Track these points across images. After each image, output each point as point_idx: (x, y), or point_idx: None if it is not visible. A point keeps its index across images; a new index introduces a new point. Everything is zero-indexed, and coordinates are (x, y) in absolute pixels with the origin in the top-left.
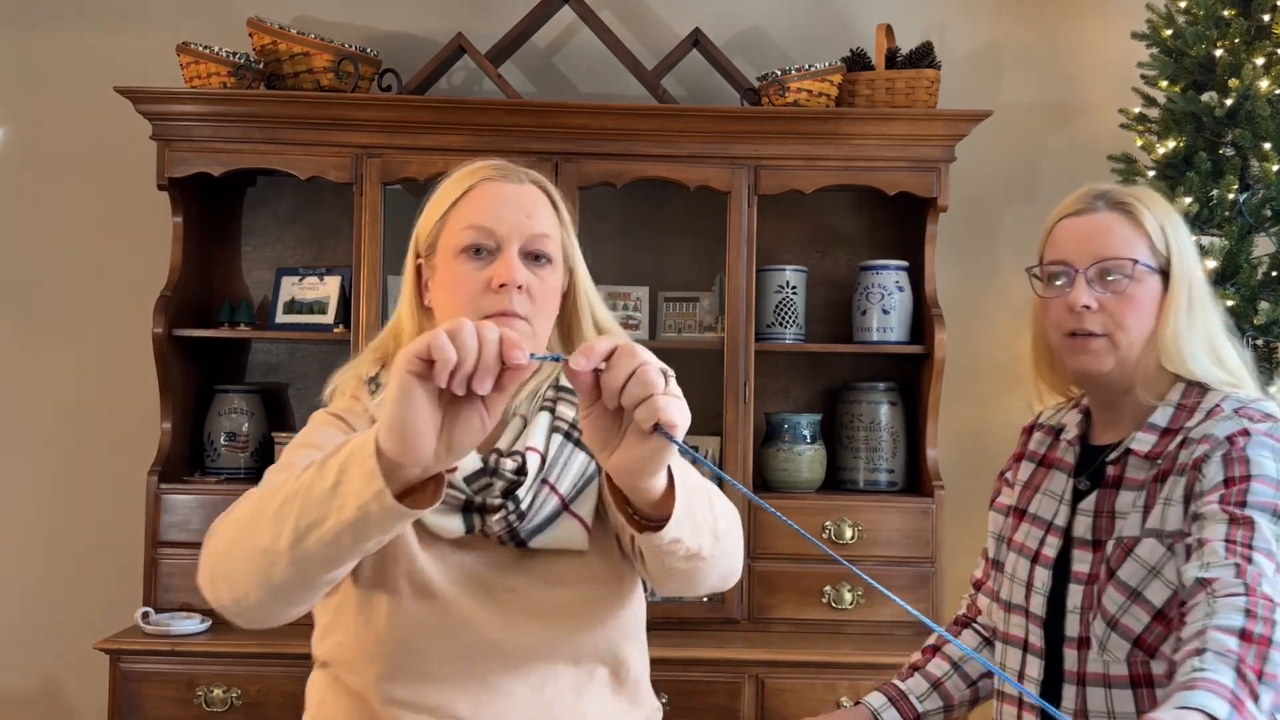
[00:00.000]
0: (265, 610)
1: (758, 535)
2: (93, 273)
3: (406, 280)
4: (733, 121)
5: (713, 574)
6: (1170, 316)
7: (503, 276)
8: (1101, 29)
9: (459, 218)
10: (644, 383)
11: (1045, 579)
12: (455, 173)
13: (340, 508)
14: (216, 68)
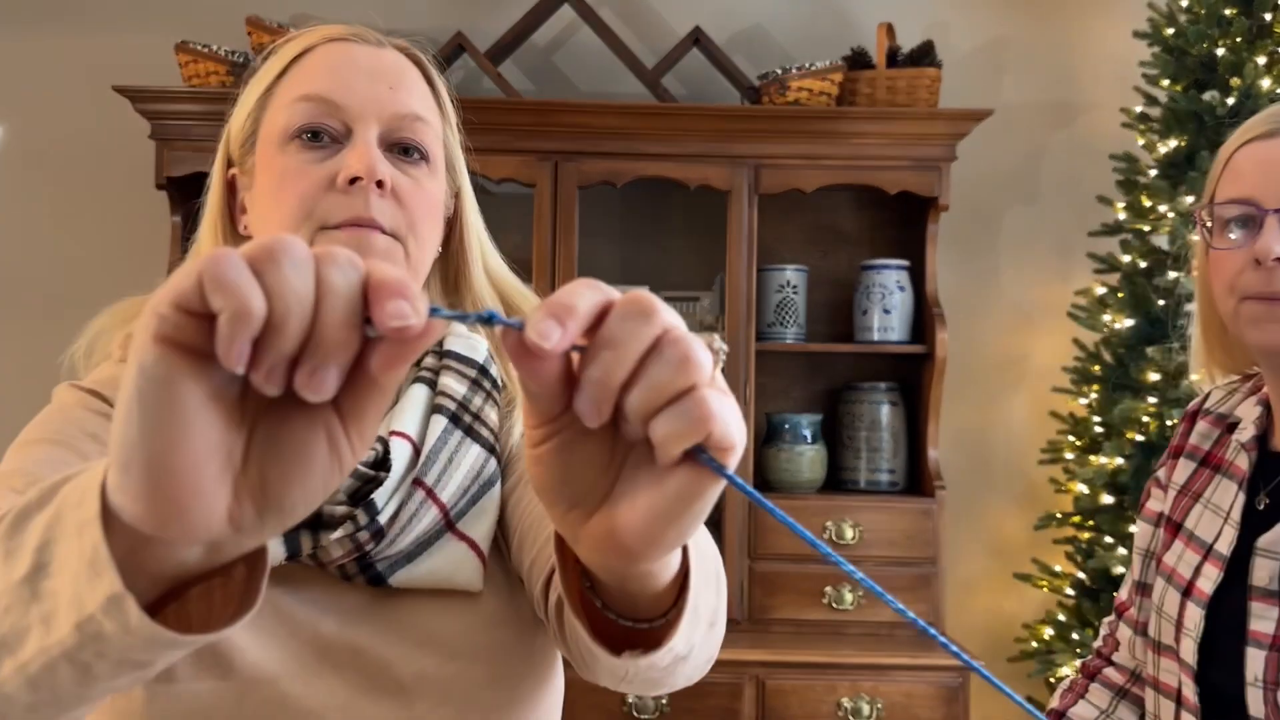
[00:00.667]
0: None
1: (758, 536)
2: (91, 272)
3: (212, 200)
4: (733, 120)
5: (682, 676)
6: None
7: (354, 168)
8: (1103, 28)
9: (289, 89)
10: (677, 364)
11: (1198, 620)
12: (280, 47)
13: (46, 621)
14: (215, 66)
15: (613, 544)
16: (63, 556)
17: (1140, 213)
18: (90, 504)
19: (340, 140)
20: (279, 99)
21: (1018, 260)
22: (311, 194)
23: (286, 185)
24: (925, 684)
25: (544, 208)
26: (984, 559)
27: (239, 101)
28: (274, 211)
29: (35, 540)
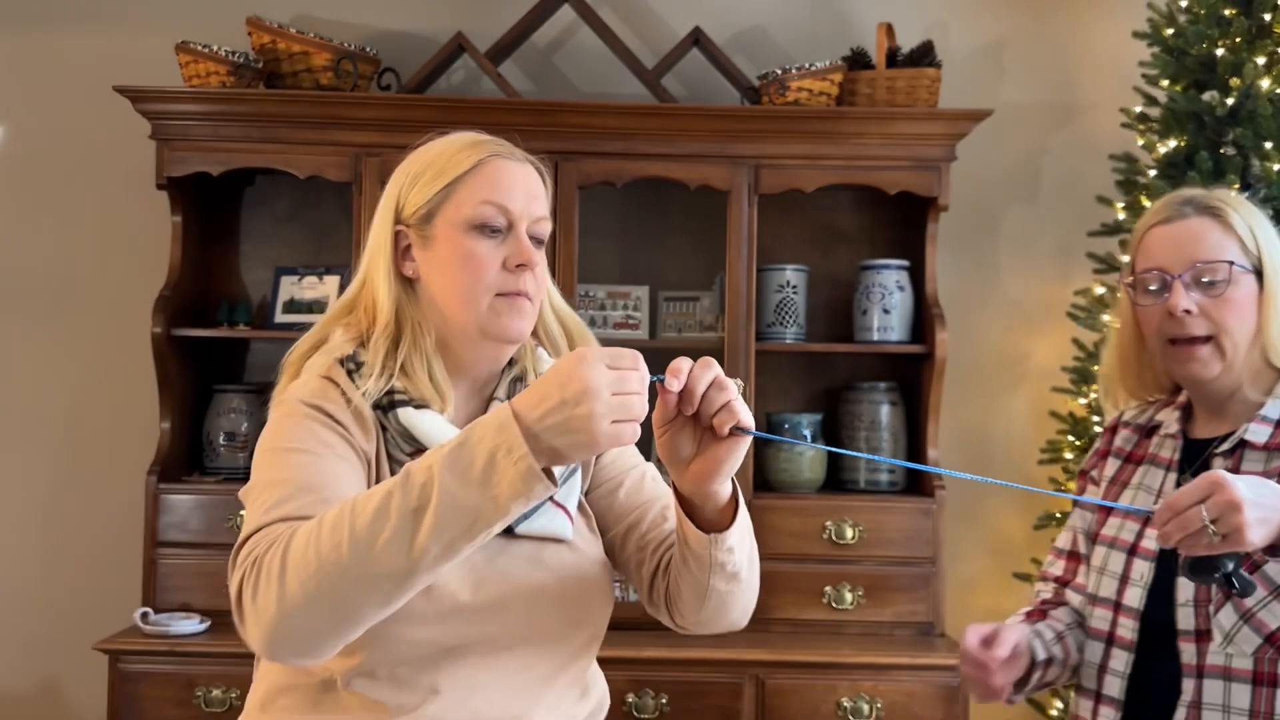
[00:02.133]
0: (348, 637)
1: (758, 536)
2: (91, 272)
3: (382, 248)
4: (733, 120)
5: (739, 604)
6: (1272, 314)
7: (521, 257)
8: (1102, 28)
9: (471, 191)
10: (723, 389)
11: (1146, 571)
12: (446, 143)
13: (493, 502)
14: (215, 67)
15: (697, 478)
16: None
17: (1139, 213)
18: (516, 485)
19: (504, 232)
20: (463, 195)
21: (1017, 260)
22: (491, 271)
23: (473, 262)
24: (925, 683)
25: None
26: (983, 559)
27: (414, 178)
28: (462, 275)
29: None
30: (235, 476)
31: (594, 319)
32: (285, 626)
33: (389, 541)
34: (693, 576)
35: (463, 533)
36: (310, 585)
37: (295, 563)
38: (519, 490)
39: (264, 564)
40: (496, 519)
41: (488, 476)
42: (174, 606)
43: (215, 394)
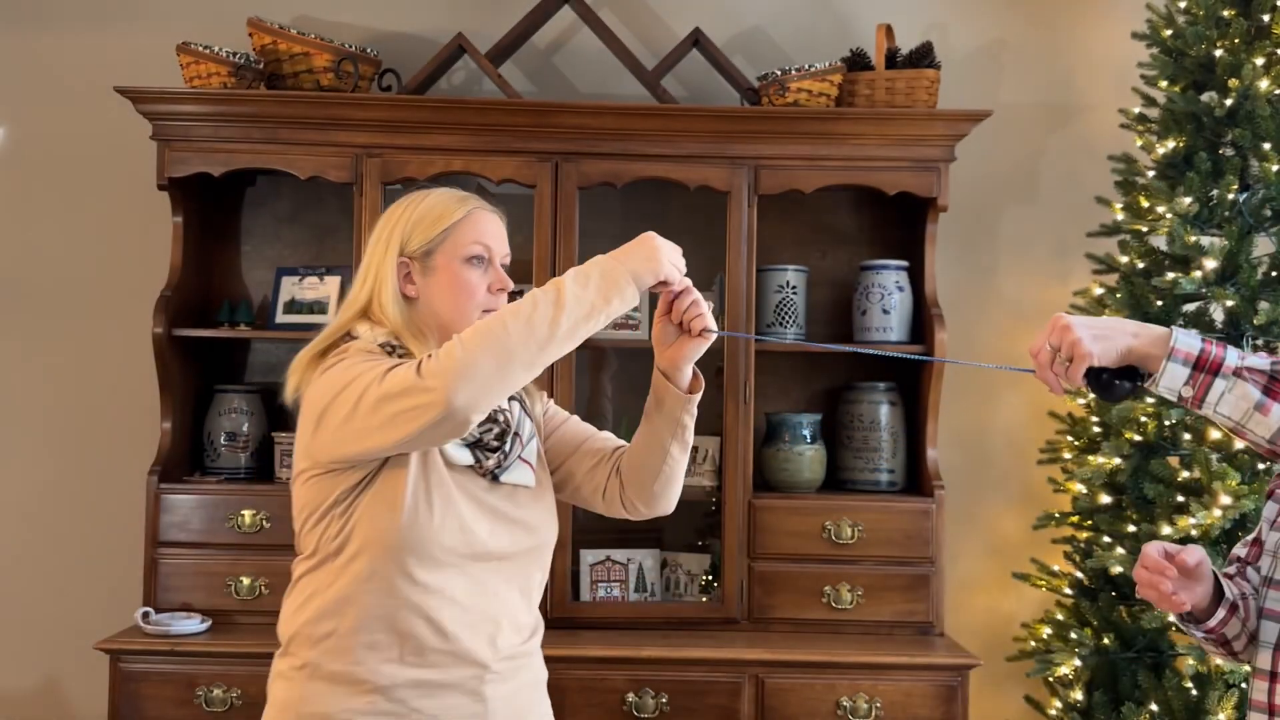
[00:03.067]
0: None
1: (758, 536)
2: (93, 273)
3: (388, 274)
4: (733, 121)
5: (678, 482)
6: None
7: (500, 283)
8: (1101, 29)
9: (465, 234)
10: (697, 304)
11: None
12: (440, 197)
13: (603, 302)
14: (216, 67)
15: (672, 360)
16: (618, 285)
17: (1138, 213)
18: (614, 290)
19: (486, 264)
20: (458, 237)
21: (1016, 261)
22: (480, 292)
23: (469, 287)
24: (924, 683)
25: (544, 208)
26: (983, 558)
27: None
28: (460, 295)
29: (595, 284)
30: (236, 477)
31: None
32: (469, 375)
33: (538, 320)
34: (657, 443)
35: (582, 319)
36: (485, 350)
37: (468, 338)
38: (614, 290)
39: (436, 353)
40: (601, 310)
41: (597, 283)
42: (175, 606)
43: (216, 394)
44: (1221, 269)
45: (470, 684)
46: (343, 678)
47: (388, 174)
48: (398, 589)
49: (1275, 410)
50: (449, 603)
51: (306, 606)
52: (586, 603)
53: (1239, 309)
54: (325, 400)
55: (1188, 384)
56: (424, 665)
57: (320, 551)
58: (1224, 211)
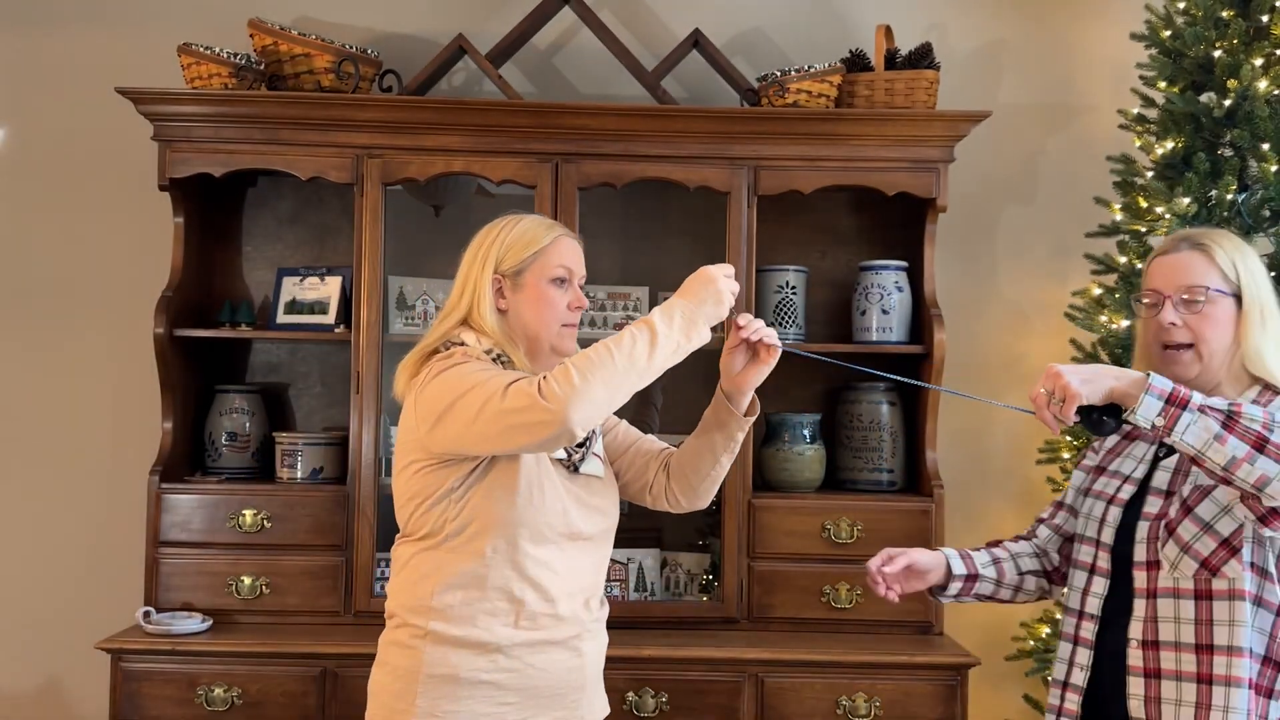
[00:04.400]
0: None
1: (757, 536)
2: (94, 273)
3: (485, 290)
4: (732, 122)
5: (719, 482)
6: (1249, 330)
7: (581, 303)
8: (1100, 30)
9: (551, 258)
10: (763, 328)
11: (1116, 515)
12: (531, 223)
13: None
14: (218, 68)
15: (738, 384)
16: (696, 329)
17: (1137, 214)
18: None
19: (567, 284)
20: (546, 260)
21: (1015, 261)
22: (561, 309)
23: (552, 304)
24: (923, 682)
25: (544, 209)
26: None
27: (509, 245)
28: (545, 311)
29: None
30: (237, 476)
31: (594, 319)
32: (585, 399)
33: (638, 354)
34: (710, 452)
35: (670, 354)
36: (599, 378)
37: (583, 367)
38: (694, 331)
39: (554, 375)
40: (684, 347)
41: (680, 325)
42: (176, 606)
43: (217, 394)
44: None
45: (572, 641)
46: (466, 641)
47: (388, 175)
48: (515, 562)
49: (1230, 441)
50: (554, 574)
51: (427, 581)
52: None
53: None
54: (446, 401)
55: (1160, 415)
56: (534, 627)
57: (440, 533)
58: (1223, 212)
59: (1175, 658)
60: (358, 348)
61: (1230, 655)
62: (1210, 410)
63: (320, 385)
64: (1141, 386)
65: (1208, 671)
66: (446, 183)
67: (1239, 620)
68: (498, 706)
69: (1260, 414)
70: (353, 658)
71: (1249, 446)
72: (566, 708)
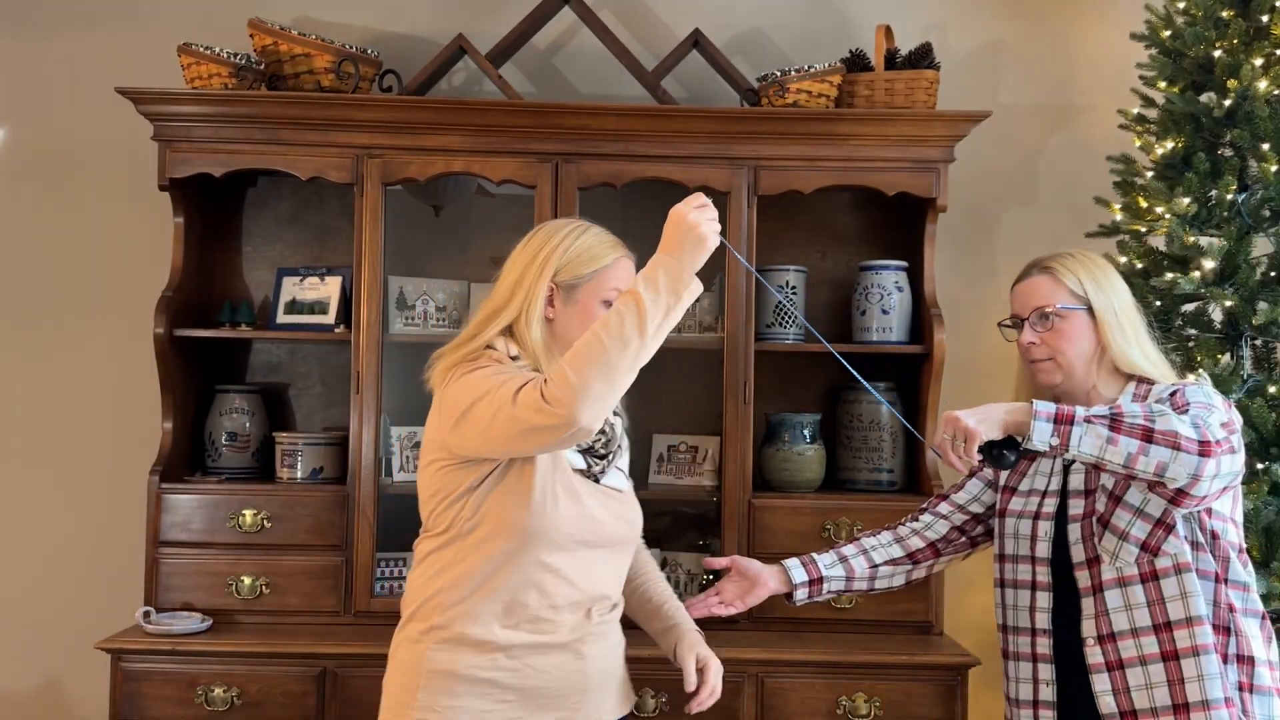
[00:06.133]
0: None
1: (757, 536)
2: (94, 273)
3: (538, 297)
4: (732, 122)
5: None
6: (1109, 336)
7: None
8: (1100, 30)
9: (608, 279)
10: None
11: (1048, 529)
12: (595, 239)
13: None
14: (217, 68)
15: (670, 653)
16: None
17: (1137, 214)
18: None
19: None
20: (603, 280)
21: (1015, 261)
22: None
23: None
24: (923, 682)
25: (544, 209)
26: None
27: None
28: (587, 325)
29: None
30: (237, 476)
31: None
32: (585, 395)
33: (628, 331)
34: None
35: (662, 319)
36: (592, 370)
37: (576, 364)
38: (681, 286)
39: (552, 379)
40: (675, 306)
41: (666, 284)
42: (176, 606)
43: (217, 394)
44: (1220, 269)
45: (574, 645)
46: (467, 639)
47: (388, 175)
48: (523, 567)
49: (1122, 440)
50: (562, 581)
51: (438, 578)
52: None
53: (1238, 309)
54: (465, 404)
55: (1054, 435)
56: (537, 631)
57: (452, 530)
58: (1222, 212)
59: (1135, 644)
60: (358, 348)
61: (1191, 626)
62: (1096, 418)
63: (320, 385)
64: (1029, 413)
65: (1171, 648)
66: (446, 183)
67: (1190, 592)
68: (496, 704)
69: (1139, 409)
70: (352, 658)
71: (1139, 440)
72: (567, 709)
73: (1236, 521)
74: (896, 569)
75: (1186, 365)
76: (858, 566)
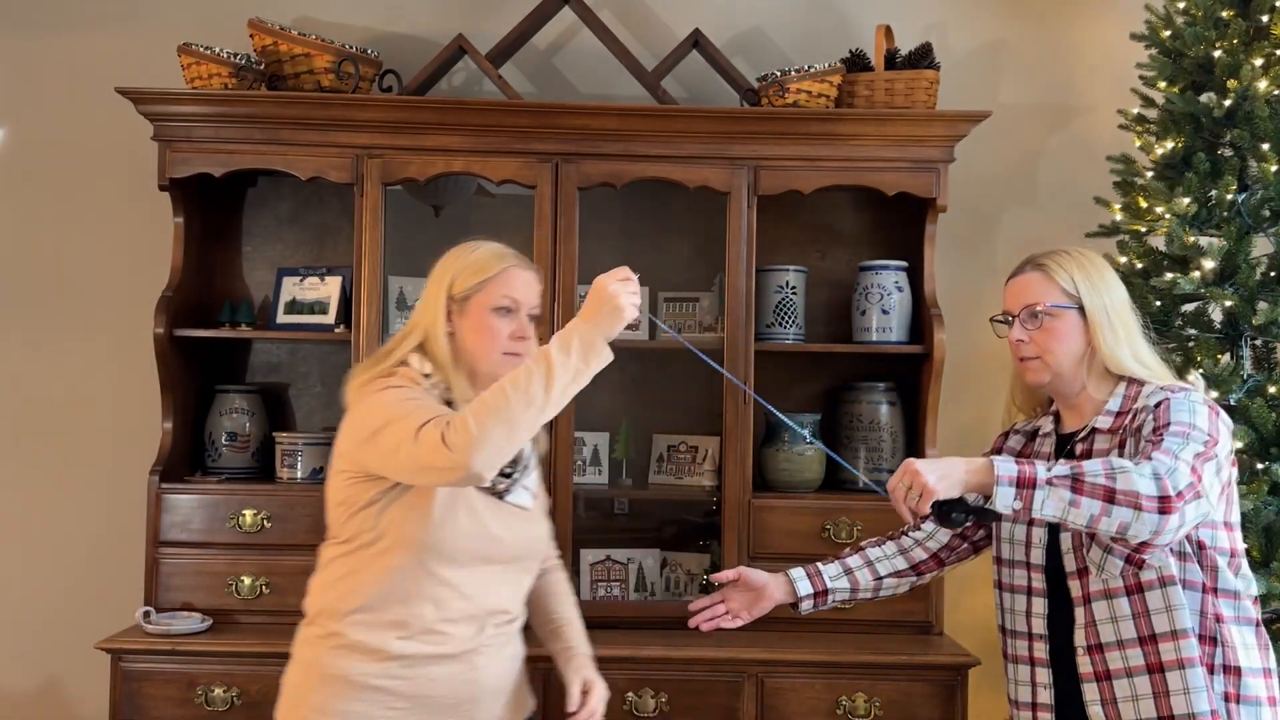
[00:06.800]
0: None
1: (757, 536)
2: (94, 273)
3: (440, 314)
4: (732, 122)
5: None
6: (1100, 337)
7: (524, 333)
8: (1100, 30)
9: (497, 287)
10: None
11: (1043, 535)
12: (484, 252)
13: (582, 370)
14: (218, 68)
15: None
16: (592, 355)
17: (1137, 214)
18: (600, 344)
19: (513, 313)
20: (490, 290)
21: (1015, 261)
22: (502, 338)
23: (493, 332)
24: (923, 682)
25: (544, 209)
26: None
27: (460, 270)
28: (486, 339)
29: (576, 355)
30: (237, 476)
31: None
32: (483, 445)
33: (535, 387)
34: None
35: (569, 383)
36: (494, 423)
37: (479, 414)
38: (593, 354)
39: (454, 424)
40: (584, 372)
41: (578, 350)
42: (176, 606)
43: (217, 394)
44: (1220, 269)
45: (467, 656)
46: (362, 647)
47: (388, 175)
48: (419, 581)
49: (1084, 502)
50: (458, 595)
51: (339, 585)
52: (587, 602)
53: (1237, 309)
54: (374, 425)
55: (1016, 499)
56: (430, 642)
57: (355, 540)
58: (1222, 212)
59: (1121, 655)
60: (358, 348)
61: (1176, 640)
62: (1058, 480)
63: (320, 385)
64: (990, 475)
65: (1157, 660)
66: (446, 183)
67: (1175, 605)
68: (386, 710)
69: (1100, 467)
70: None
71: (1101, 501)
72: (459, 716)
73: (1232, 524)
74: (901, 580)
75: (1186, 365)
76: (862, 579)
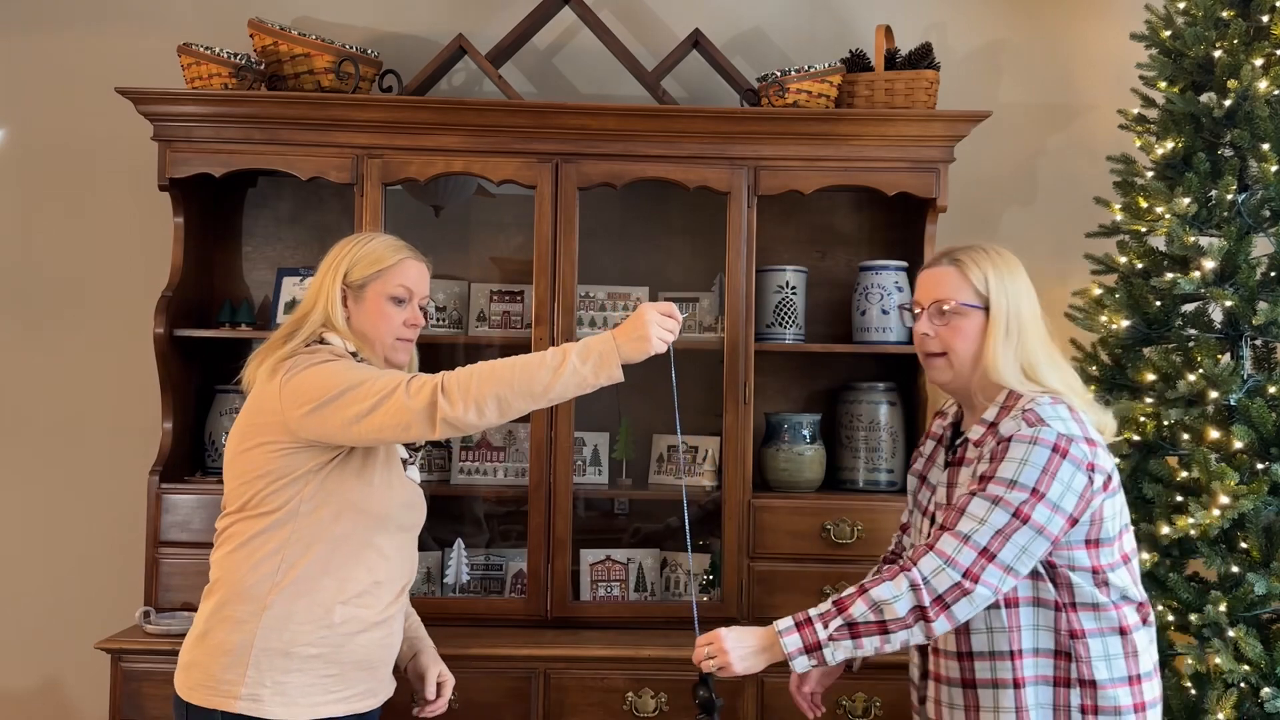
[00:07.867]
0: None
1: (757, 536)
2: (94, 273)
3: (335, 299)
4: (732, 122)
5: None
6: (990, 341)
7: (417, 320)
8: (1100, 30)
9: (394, 277)
10: None
11: (929, 530)
12: (380, 243)
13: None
14: (218, 68)
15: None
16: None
17: (1137, 214)
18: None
19: (406, 302)
20: (387, 279)
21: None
22: (396, 325)
23: (387, 318)
24: None
25: (544, 209)
26: None
27: (358, 261)
28: (380, 325)
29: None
30: None
31: (594, 320)
32: (474, 406)
33: (540, 377)
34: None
35: (572, 388)
36: (491, 386)
37: (483, 376)
38: (604, 370)
39: (452, 377)
40: (591, 384)
41: (595, 363)
42: (176, 606)
43: (217, 394)
44: (1220, 269)
45: (387, 622)
46: (299, 617)
47: (388, 175)
48: (357, 547)
49: (865, 642)
50: (386, 560)
51: (271, 558)
52: (587, 602)
53: (1238, 309)
54: (330, 392)
55: (810, 659)
56: (362, 606)
57: (284, 510)
58: (1223, 212)
59: (944, 663)
60: None
61: (994, 660)
62: (837, 634)
63: None
64: (778, 646)
65: (970, 676)
66: (446, 183)
67: (1013, 626)
68: (320, 678)
69: (864, 605)
70: None
71: (876, 635)
72: (376, 680)
73: (1103, 539)
74: None
75: (1186, 365)
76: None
